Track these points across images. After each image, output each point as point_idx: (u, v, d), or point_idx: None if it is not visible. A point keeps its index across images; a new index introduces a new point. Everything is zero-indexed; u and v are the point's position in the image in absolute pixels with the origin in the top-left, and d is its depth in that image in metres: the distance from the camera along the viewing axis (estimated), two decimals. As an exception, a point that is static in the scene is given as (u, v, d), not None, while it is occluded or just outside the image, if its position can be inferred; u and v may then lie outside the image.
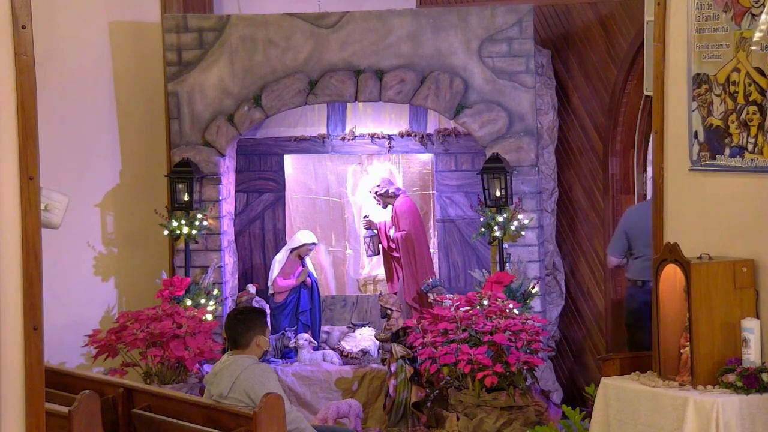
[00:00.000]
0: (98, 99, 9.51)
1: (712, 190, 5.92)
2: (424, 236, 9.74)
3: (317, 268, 10.00)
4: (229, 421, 5.82)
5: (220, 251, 9.45)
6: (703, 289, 5.61)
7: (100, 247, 9.52)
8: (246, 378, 6.15)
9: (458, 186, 9.83)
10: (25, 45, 3.96)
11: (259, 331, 6.35)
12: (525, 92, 9.13)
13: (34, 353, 3.99)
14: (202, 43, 9.38)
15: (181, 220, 9.21)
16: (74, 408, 5.56)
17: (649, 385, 5.73)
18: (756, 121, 5.67)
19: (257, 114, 9.37)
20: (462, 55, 9.15)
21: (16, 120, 3.97)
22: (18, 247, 3.97)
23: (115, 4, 9.60)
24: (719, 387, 5.54)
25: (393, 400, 8.83)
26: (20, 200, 3.96)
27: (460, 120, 9.20)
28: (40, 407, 4.01)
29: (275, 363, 9.29)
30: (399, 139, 9.88)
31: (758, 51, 5.64)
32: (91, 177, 9.45)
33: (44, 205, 4.86)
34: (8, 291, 3.96)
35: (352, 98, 9.30)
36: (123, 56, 9.61)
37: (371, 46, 9.24)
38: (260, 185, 10.13)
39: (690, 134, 6.00)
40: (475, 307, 8.60)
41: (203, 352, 8.74)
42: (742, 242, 5.75)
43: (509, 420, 8.37)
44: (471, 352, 8.29)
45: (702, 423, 5.38)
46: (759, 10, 5.64)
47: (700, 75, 5.93)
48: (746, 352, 5.61)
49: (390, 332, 8.94)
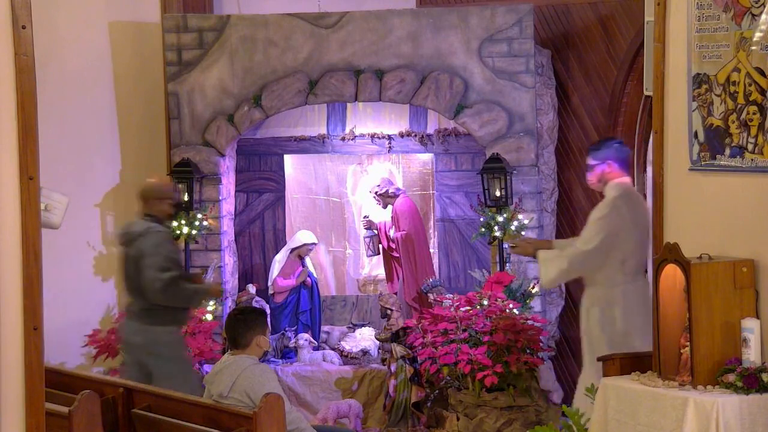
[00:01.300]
0: (98, 99, 9.51)
1: (712, 190, 5.91)
2: (424, 236, 9.74)
3: (317, 268, 10.00)
4: (229, 421, 5.81)
5: (220, 251, 9.46)
6: (703, 289, 5.61)
7: (100, 247, 9.52)
8: (246, 378, 6.15)
9: (458, 186, 9.83)
10: (25, 45, 3.96)
11: (260, 331, 6.35)
12: (525, 92, 9.13)
13: (34, 353, 3.98)
14: (202, 43, 9.38)
15: (181, 220, 9.21)
16: (74, 408, 5.56)
17: (649, 385, 5.72)
18: (756, 121, 5.67)
19: (257, 114, 9.38)
20: (462, 55, 9.16)
21: (16, 120, 3.96)
22: (18, 247, 3.97)
23: (115, 4, 9.60)
24: (719, 387, 5.54)
25: (393, 400, 8.83)
26: (20, 200, 3.96)
27: (460, 120, 9.20)
28: (40, 407, 4.01)
29: (275, 363, 9.30)
30: (399, 139, 9.88)
31: (758, 51, 5.64)
32: (91, 177, 9.46)
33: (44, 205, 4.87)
34: (8, 291, 3.96)
35: (352, 98, 9.30)
36: (123, 56, 9.61)
37: (371, 46, 9.24)
38: (260, 185, 10.13)
39: (690, 134, 6.00)
40: (475, 307, 8.60)
41: (203, 352, 8.74)
42: (742, 242, 5.75)
43: (509, 420, 8.37)
44: (471, 352, 8.29)
45: (702, 423, 5.38)
46: (759, 10, 5.63)
47: (700, 75, 5.93)
48: (746, 352, 5.61)
49: (390, 332, 8.94)
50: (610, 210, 6.94)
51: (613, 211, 6.94)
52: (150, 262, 7.36)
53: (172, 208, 7.84)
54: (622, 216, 6.92)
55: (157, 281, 7.33)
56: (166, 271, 7.37)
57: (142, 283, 7.39)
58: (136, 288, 7.50)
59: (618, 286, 6.97)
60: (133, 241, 7.52)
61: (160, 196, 7.64)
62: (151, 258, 7.37)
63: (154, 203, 7.63)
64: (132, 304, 7.59)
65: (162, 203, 7.64)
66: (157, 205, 7.62)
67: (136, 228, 7.55)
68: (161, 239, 7.49)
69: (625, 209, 6.94)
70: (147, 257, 7.38)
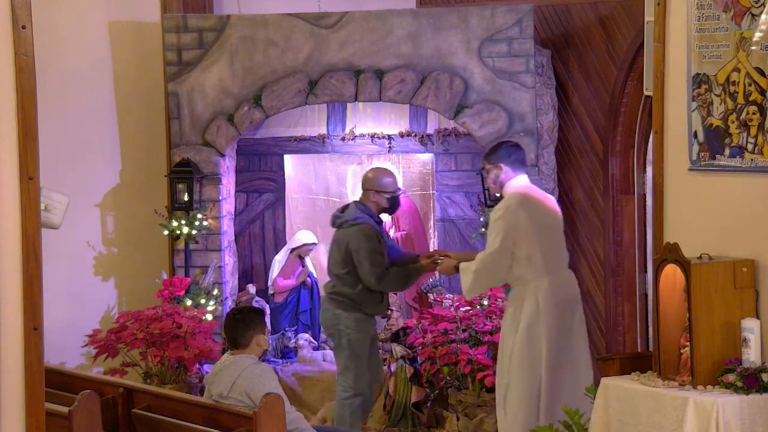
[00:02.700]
0: (98, 99, 9.51)
1: (712, 190, 5.92)
2: (424, 236, 9.74)
3: (317, 268, 10.00)
4: (229, 421, 5.82)
5: (220, 251, 9.46)
6: (703, 289, 5.61)
7: (100, 247, 9.52)
8: (246, 378, 6.15)
9: (458, 186, 9.83)
10: (25, 45, 3.96)
11: (259, 330, 6.36)
12: (525, 92, 9.13)
13: (34, 353, 3.99)
14: (202, 43, 9.38)
15: (181, 220, 9.22)
16: (74, 408, 5.56)
17: (649, 385, 5.73)
18: (756, 121, 5.67)
19: (257, 114, 9.38)
20: (462, 55, 9.16)
21: (16, 120, 3.97)
22: (18, 247, 3.97)
23: (115, 4, 9.60)
24: (719, 387, 5.54)
25: (393, 400, 8.83)
26: (20, 200, 3.96)
27: (460, 120, 9.21)
28: (40, 407, 4.01)
29: (275, 363, 9.30)
30: (399, 139, 9.88)
31: (758, 51, 5.64)
32: (91, 177, 9.45)
33: (44, 205, 4.87)
34: (8, 291, 3.96)
35: (352, 98, 9.30)
36: (123, 56, 9.61)
37: (371, 46, 9.24)
38: (260, 185, 10.13)
39: (690, 134, 6.00)
40: (475, 307, 8.60)
41: (203, 352, 8.74)
42: (742, 242, 5.75)
43: (509, 420, 8.37)
44: (471, 352, 8.30)
45: (702, 423, 5.38)
46: (759, 10, 5.64)
47: (700, 75, 5.93)
48: (746, 352, 5.61)
49: (390, 332, 8.94)
50: (504, 211, 7.12)
51: (506, 211, 7.11)
52: (362, 257, 7.75)
53: (388, 203, 8.01)
54: (516, 215, 7.08)
55: (371, 276, 7.74)
56: (376, 264, 7.74)
57: (360, 275, 7.78)
58: (331, 269, 7.95)
59: (529, 283, 7.10)
60: (342, 226, 7.88)
61: (378, 189, 7.89)
62: (361, 253, 7.75)
63: (370, 194, 7.90)
64: (326, 285, 8.03)
65: (378, 196, 7.90)
66: (372, 197, 7.89)
67: (348, 214, 7.88)
68: (366, 233, 7.77)
69: (518, 208, 7.11)
70: (357, 252, 7.76)
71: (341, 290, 7.86)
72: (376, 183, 7.96)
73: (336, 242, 7.99)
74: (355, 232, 7.81)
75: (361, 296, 7.84)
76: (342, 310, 7.85)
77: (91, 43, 9.49)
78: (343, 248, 7.86)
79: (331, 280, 7.98)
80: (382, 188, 7.95)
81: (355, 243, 7.78)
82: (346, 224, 7.88)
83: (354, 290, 7.83)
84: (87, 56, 9.46)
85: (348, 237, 7.84)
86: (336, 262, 7.92)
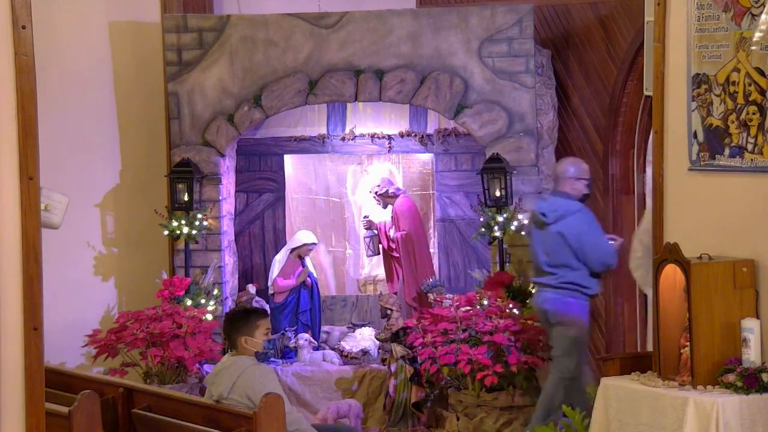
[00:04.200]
0: (98, 99, 9.51)
1: (711, 190, 5.92)
2: (424, 236, 9.74)
3: (317, 268, 10.00)
4: (229, 421, 5.82)
5: (220, 251, 9.46)
6: (703, 289, 5.61)
7: (100, 247, 9.52)
8: (246, 379, 6.15)
9: (458, 186, 9.83)
10: (25, 45, 3.96)
11: (245, 332, 6.30)
12: (525, 92, 9.13)
13: (34, 353, 3.99)
14: (202, 43, 9.38)
15: (181, 220, 9.21)
16: (74, 408, 5.56)
17: (649, 385, 5.73)
18: (756, 121, 5.67)
19: (257, 114, 9.38)
20: (462, 55, 9.16)
21: (16, 120, 3.97)
22: (18, 247, 3.97)
23: (115, 4, 9.60)
24: (719, 387, 5.54)
25: (393, 400, 8.83)
26: (20, 200, 3.96)
27: (460, 120, 9.20)
28: (40, 407, 4.01)
29: (275, 363, 9.29)
30: (399, 139, 9.88)
31: (758, 51, 5.64)
32: (91, 177, 9.45)
33: (44, 205, 4.86)
34: (8, 291, 3.96)
35: (352, 98, 9.30)
36: (123, 56, 9.61)
37: (371, 46, 9.24)
38: (260, 185, 10.13)
39: (689, 134, 6.00)
40: (475, 307, 8.60)
41: (203, 352, 8.74)
42: (742, 242, 5.75)
43: (509, 420, 8.37)
44: (471, 352, 8.29)
45: (702, 423, 5.38)
46: (759, 10, 5.64)
47: (700, 75, 5.93)
48: (746, 352, 5.61)
49: (390, 332, 8.94)
50: None
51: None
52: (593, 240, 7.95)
53: (588, 189, 8.20)
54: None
55: (607, 255, 7.95)
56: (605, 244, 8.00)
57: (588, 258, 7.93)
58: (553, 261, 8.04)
59: None
60: (562, 218, 7.96)
61: (577, 176, 8.06)
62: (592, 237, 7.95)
63: (568, 182, 8.05)
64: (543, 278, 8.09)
65: (578, 182, 8.07)
66: (572, 184, 8.05)
67: (561, 206, 7.98)
68: (591, 218, 8.04)
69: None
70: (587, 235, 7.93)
71: (571, 279, 7.98)
72: (578, 171, 8.09)
73: (557, 235, 8.00)
74: (580, 217, 7.97)
75: (589, 281, 8.01)
76: (572, 298, 7.98)
77: (91, 43, 9.49)
78: (572, 237, 7.94)
79: (554, 271, 8.04)
80: (582, 175, 8.10)
81: (587, 228, 7.96)
82: (568, 214, 7.99)
83: (583, 276, 7.98)
84: (87, 56, 9.46)
85: (572, 226, 7.95)
86: (564, 253, 7.98)
